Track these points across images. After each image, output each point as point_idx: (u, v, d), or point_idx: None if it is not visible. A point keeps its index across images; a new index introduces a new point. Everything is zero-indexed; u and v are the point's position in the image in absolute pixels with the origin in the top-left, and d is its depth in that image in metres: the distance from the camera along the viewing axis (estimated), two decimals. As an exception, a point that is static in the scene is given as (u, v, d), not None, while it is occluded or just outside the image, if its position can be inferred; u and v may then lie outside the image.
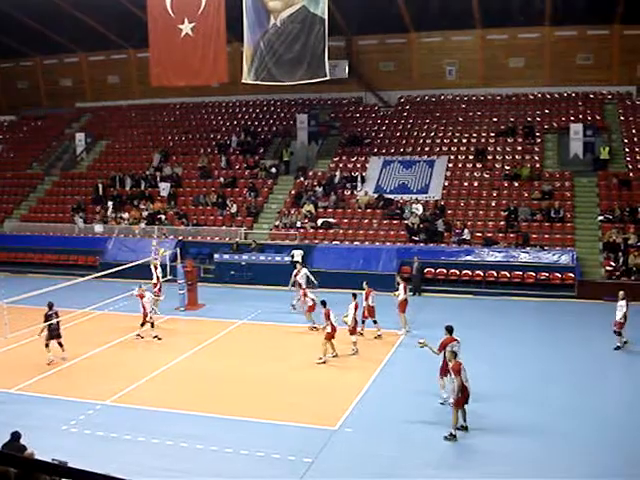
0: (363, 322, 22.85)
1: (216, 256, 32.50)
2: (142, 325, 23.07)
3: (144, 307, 22.91)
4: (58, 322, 20.87)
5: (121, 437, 15.37)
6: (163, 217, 35.96)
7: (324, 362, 20.33)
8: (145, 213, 36.45)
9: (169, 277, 27.31)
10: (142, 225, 35.62)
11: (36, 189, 41.30)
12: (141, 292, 23.11)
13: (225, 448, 14.62)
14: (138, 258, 28.78)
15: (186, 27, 32.55)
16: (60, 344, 20.83)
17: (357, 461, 13.96)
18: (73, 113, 46.38)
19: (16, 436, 11.71)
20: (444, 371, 16.51)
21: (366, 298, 22.89)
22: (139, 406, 17.33)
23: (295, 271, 26.31)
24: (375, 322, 22.94)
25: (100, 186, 38.87)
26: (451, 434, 14.74)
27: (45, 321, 20.66)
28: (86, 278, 26.05)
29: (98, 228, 36.18)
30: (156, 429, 15.69)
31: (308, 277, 26.19)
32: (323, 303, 21.28)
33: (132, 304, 24.47)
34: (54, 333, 20.67)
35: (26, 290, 23.36)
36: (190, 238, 34.30)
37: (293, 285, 26.05)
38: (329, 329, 20.52)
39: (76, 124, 45.53)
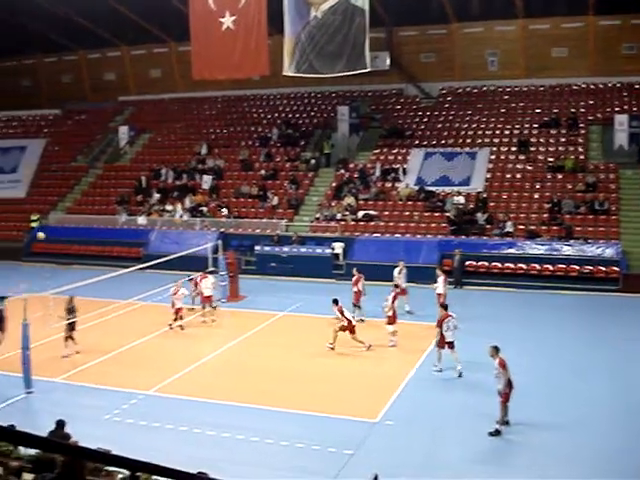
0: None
1: (257, 248, 32.67)
2: (180, 318, 23.50)
3: (175, 302, 23.45)
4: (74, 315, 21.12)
5: (163, 427, 15.57)
6: (205, 209, 36.23)
7: (333, 348, 20.75)
8: (189, 204, 36.75)
9: (211, 268, 27.49)
10: (184, 217, 35.93)
11: (80, 182, 41.90)
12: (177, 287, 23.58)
13: (266, 439, 14.71)
14: (181, 250, 29.04)
15: (227, 20, 32.71)
16: (72, 338, 21.06)
17: (398, 454, 13.95)
18: (116, 107, 46.91)
19: (61, 424, 11.89)
20: (442, 344, 18.72)
21: (355, 284, 23.86)
22: (181, 396, 17.53)
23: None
24: (359, 307, 23.85)
25: (143, 179, 39.32)
26: (496, 430, 14.63)
27: (67, 314, 20.94)
28: (129, 269, 26.35)
29: (141, 220, 36.60)
30: (197, 419, 15.86)
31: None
32: (335, 301, 21.39)
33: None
34: (72, 325, 20.97)
35: (71, 281, 23.71)
36: (232, 230, 34.51)
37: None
38: (345, 323, 20.81)
39: (119, 117, 46.05)
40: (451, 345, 18.69)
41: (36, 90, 48.73)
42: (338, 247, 31.55)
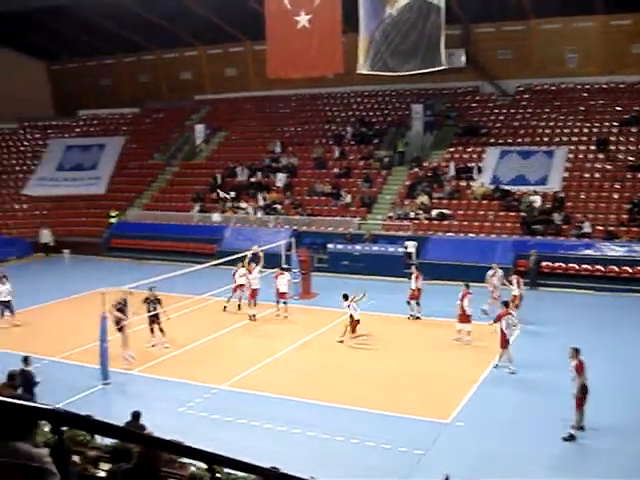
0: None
1: (330, 246, 32.75)
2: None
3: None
4: (155, 307, 21.51)
5: (235, 421, 15.76)
6: (279, 207, 36.49)
7: (342, 341, 21.51)
8: (262, 203, 37.10)
9: (284, 265, 27.66)
10: (258, 214, 36.27)
11: (157, 179, 42.73)
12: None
13: (336, 436, 14.75)
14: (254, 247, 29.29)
15: (302, 19, 32.83)
16: (152, 330, 21.48)
17: (468, 456, 13.80)
18: (193, 105, 47.63)
19: (136, 415, 12.14)
20: (504, 343, 18.76)
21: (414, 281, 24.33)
22: (253, 391, 17.71)
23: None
24: (417, 304, 24.27)
25: (218, 176, 39.85)
26: (570, 435, 14.33)
27: (145, 305, 21.38)
28: (204, 265, 26.74)
29: (216, 217, 37.12)
30: (269, 414, 16.00)
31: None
32: (345, 297, 22.10)
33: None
34: (152, 318, 21.38)
35: (147, 276, 24.20)
36: (304, 228, 34.68)
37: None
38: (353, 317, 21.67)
39: (196, 116, 46.75)
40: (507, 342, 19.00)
41: (115, 89, 49.89)
42: (411, 246, 31.36)
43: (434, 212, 33.39)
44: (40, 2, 37.91)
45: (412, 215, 33.50)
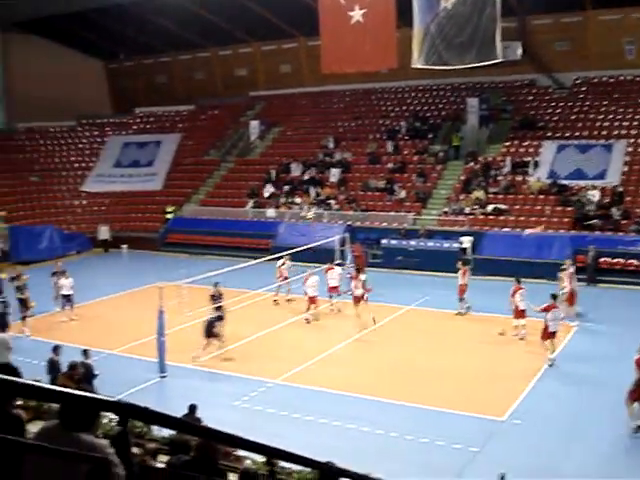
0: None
1: (384, 241, 32.67)
2: (315, 307, 23.94)
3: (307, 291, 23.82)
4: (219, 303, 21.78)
5: (290, 415, 15.86)
6: (333, 202, 36.51)
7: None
8: (314, 198, 37.18)
9: (338, 261, 27.69)
10: (312, 210, 36.36)
11: (213, 175, 43.13)
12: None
13: (390, 432, 14.73)
14: (309, 242, 29.41)
15: (356, 14, 32.79)
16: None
17: (525, 455, 13.64)
18: (247, 102, 47.92)
19: (193, 409, 12.30)
20: (545, 336, 19.05)
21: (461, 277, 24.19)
22: (308, 386, 17.80)
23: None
24: (462, 300, 24.14)
25: (273, 172, 40.06)
26: (638, 426, 14.07)
27: (211, 302, 21.66)
28: (258, 261, 26.95)
29: (270, 213, 37.34)
30: (324, 410, 16.06)
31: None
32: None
33: (300, 287, 25.12)
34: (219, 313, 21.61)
35: (203, 271, 24.49)
36: (358, 223, 34.65)
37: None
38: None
39: (250, 112, 47.03)
40: (553, 335, 19.15)
41: (171, 87, 50.51)
42: (466, 241, 31.08)
43: (490, 207, 33.03)
44: (98, 2, 38.58)
45: (467, 210, 33.18)
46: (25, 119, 46.10)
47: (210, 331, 20.08)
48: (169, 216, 40.08)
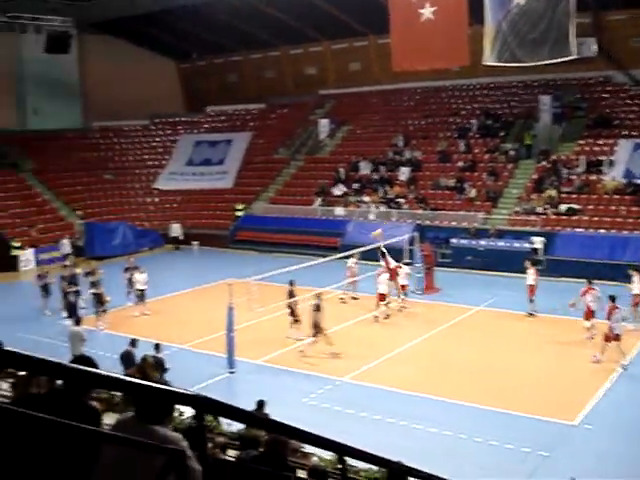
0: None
1: (453, 241, 32.36)
2: (386, 304, 24.01)
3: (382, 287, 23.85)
4: (295, 301, 21.87)
5: (357, 414, 15.86)
6: (402, 201, 36.34)
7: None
8: (383, 196, 37.07)
9: (407, 260, 27.55)
10: (381, 208, 36.26)
11: (282, 173, 43.40)
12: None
13: (459, 434, 14.60)
14: (377, 241, 29.30)
15: (427, 11, 32.55)
16: (296, 322, 21.82)
17: (596, 460, 13.34)
18: (317, 100, 48.04)
19: (261, 404, 12.39)
20: (609, 338, 18.65)
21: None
22: (376, 385, 17.78)
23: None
24: (531, 301, 23.91)
25: (341, 170, 40.09)
26: None
27: (289, 298, 21.81)
28: (327, 259, 27.01)
29: (339, 211, 37.38)
30: (391, 409, 16.01)
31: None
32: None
33: (368, 286, 25.05)
34: (295, 310, 21.74)
35: (272, 268, 24.69)
36: (428, 222, 34.39)
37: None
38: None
39: (320, 110, 47.13)
40: (618, 337, 18.72)
41: (242, 85, 50.98)
42: (538, 242, 30.53)
43: (562, 207, 32.36)
44: (171, 3, 39.24)
45: (539, 210, 32.59)
46: (100, 118, 47.23)
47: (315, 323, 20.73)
48: (239, 214, 40.55)
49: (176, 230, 40.03)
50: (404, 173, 38.21)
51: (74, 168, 43.93)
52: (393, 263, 25.18)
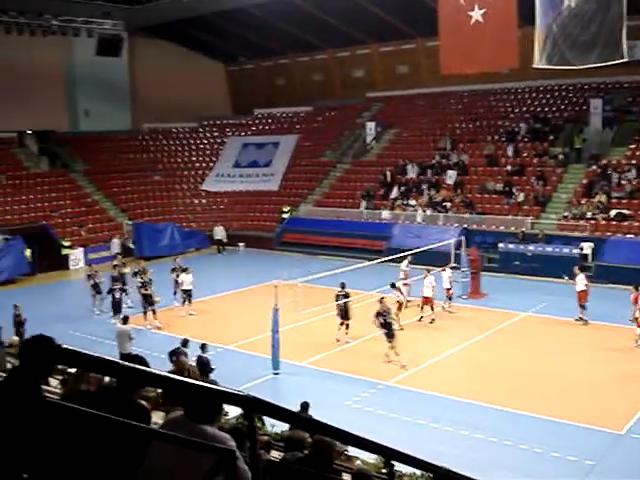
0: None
1: (501, 245, 32.04)
2: (431, 308, 24.07)
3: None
4: (346, 303, 21.88)
5: (401, 418, 15.79)
6: (449, 204, 36.12)
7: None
8: (429, 200, 36.88)
9: (453, 264, 27.36)
10: (428, 212, 36.09)
11: (329, 176, 43.46)
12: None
13: (504, 440, 14.46)
14: (423, 244, 29.20)
15: (476, 14, 32.28)
16: (346, 325, 21.84)
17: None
18: (364, 103, 48.02)
19: (305, 406, 12.41)
20: None
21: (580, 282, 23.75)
22: (419, 390, 17.69)
23: None
24: (583, 307, 23.63)
25: (388, 173, 40.00)
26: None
27: (335, 300, 21.83)
28: (373, 262, 26.96)
29: (385, 214, 37.31)
30: (435, 414, 15.92)
31: None
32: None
33: (414, 289, 24.95)
34: (342, 313, 21.74)
35: (317, 270, 24.74)
36: (475, 226, 34.13)
37: None
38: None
39: (367, 113, 47.09)
40: None
41: (289, 88, 51.24)
42: (587, 247, 30.06)
43: (613, 212, 31.82)
44: (219, 6, 39.58)
45: (589, 215, 32.10)
46: (149, 120, 47.93)
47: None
48: (285, 216, 40.71)
49: (219, 233, 40.13)
50: (451, 177, 37.97)
51: (124, 169, 44.69)
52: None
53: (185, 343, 16.62)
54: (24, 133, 43.24)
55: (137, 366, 2.96)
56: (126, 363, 2.90)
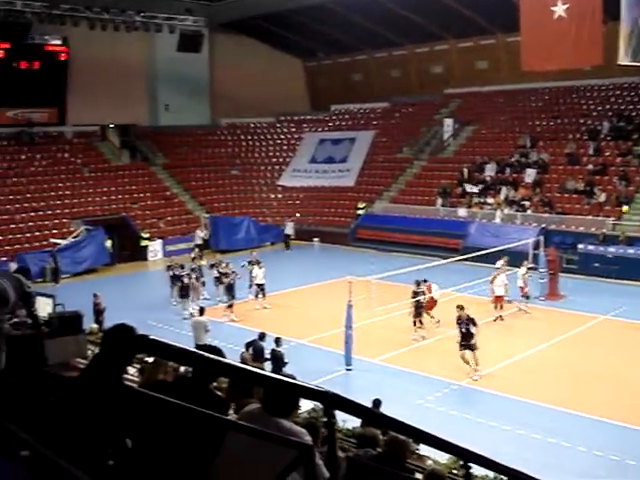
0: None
1: (580, 246, 31.28)
2: (500, 307, 23.83)
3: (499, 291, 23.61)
4: (419, 300, 21.77)
5: (474, 420, 15.61)
6: (527, 204, 35.47)
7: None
8: (503, 198, 36.30)
9: (530, 265, 26.86)
10: (505, 211, 35.53)
11: (405, 172, 43.20)
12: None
13: (578, 446, 14.14)
14: (500, 244, 28.77)
15: (559, 8, 31.61)
16: (421, 322, 21.74)
17: None
18: (442, 99, 47.55)
19: (377, 404, 12.39)
20: None
21: None
22: (493, 391, 17.46)
23: None
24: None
25: (465, 171, 39.54)
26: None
27: (413, 297, 21.72)
28: (448, 260, 26.70)
29: (462, 212, 36.88)
30: (508, 416, 15.69)
31: None
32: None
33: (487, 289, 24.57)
34: (419, 310, 21.63)
35: (392, 268, 24.65)
36: (554, 226, 33.42)
37: None
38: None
39: (444, 110, 46.60)
40: None
41: (366, 84, 51.10)
42: (670, 250, 29.15)
43: (699, 214, 30.78)
44: (298, 2, 39.79)
45: (674, 216, 31.09)
46: (228, 115, 48.55)
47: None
48: (360, 212, 40.66)
49: (289, 228, 40.18)
50: (530, 175, 37.26)
51: (202, 163, 45.47)
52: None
53: (262, 336, 16.87)
54: (107, 127, 44.39)
55: (219, 358, 3.00)
56: (208, 354, 2.94)
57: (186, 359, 3.05)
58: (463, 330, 18.75)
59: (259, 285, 25.93)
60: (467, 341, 18.60)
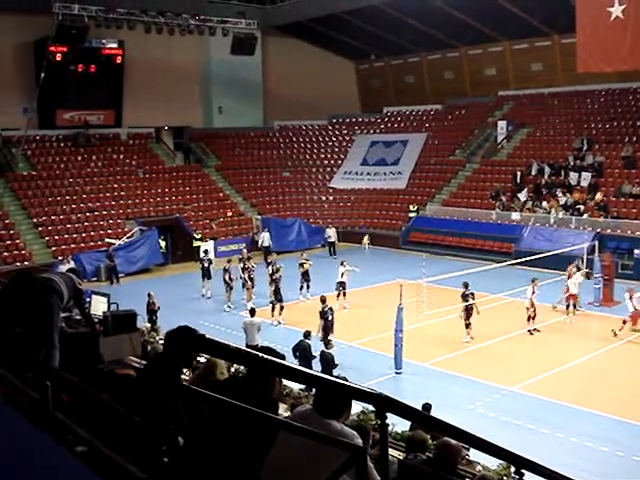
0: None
1: (636, 252, 30.65)
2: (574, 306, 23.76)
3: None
4: (473, 303, 21.60)
5: (524, 426, 15.44)
6: (582, 207, 34.90)
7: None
8: (563, 202, 35.75)
9: (585, 270, 26.42)
10: (559, 215, 35.00)
11: (457, 175, 42.89)
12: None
13: (632, 455, 13.89)
14: (554, 248, 28.38)
15: (616, 9, 31.11)
16: (467, 325, 21.60)
17: None
18: (495, 101, 47.11)
19: (427, 408, 12.32)
20: None
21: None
22: (545, 397, 17.21)
23: None
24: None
25: (519, 174, 39.07)
26: None
27: (462, 301, 21.56)
28: (501, 264, 26.41)
29: (515, 216, 36.44)
30: (560, 423, 15.47)
31: None
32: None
33: (542, 294, 24.19)
34: (470, 313, 21.47)
35: (443, 271, 24.49)
36: (609, 231, 32.81)
37: None
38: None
39: (498, 112, 46.14)
40: None
41: (419, 86, 50.87)
42: None
43: None
44: (351, 4, 39.83)
45: None
46: (280, 117, 48.80)
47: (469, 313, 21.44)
48: (412, 215, 40.49)
49: (333, 235, 38.77)
50: (585, 179, 36.64)
51: (254, 165, 45.82)
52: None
53: (307, 335, 16.98)
54: (161, 129, 45.03)
55: (275, 359, 3.04)
56: (266, 356, 2.98)
57: (242, 359, 3.09)
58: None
59: (341, 283, 26.11)
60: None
